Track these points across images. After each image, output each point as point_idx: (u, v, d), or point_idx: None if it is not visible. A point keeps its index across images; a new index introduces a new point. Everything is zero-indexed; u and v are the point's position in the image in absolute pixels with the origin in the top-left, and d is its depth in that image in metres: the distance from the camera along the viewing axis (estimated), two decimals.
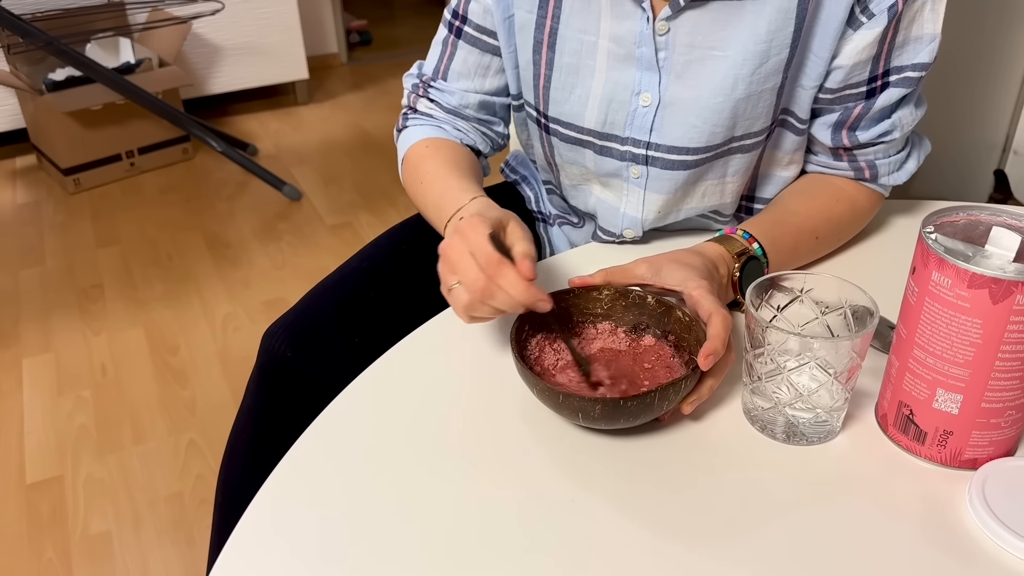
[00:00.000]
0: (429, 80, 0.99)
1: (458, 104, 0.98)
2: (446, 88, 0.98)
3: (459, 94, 0.98)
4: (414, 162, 0.97)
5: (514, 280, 0.70)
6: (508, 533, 0.63)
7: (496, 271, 0.70)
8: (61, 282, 2.34)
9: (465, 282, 0.72)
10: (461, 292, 0.72)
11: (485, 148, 1.02)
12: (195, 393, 1.93)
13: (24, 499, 1.66)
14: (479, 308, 0.72)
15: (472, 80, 0.97)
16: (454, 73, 0.97)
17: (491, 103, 0.99)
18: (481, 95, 0.98)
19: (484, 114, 1.00)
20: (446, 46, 0.97)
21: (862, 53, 0.83)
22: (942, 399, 0.65)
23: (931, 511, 0.64)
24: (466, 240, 0.72)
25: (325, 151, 3.10)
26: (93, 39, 2.82)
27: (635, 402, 0.66)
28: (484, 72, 0.96)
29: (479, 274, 0.71)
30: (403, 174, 1.00)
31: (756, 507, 0.65)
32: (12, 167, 2.99)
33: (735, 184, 0.93)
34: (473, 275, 0.71)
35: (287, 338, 0.91)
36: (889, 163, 0.93)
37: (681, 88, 0.86)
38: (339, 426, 0.74)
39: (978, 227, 0.65)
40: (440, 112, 0.99)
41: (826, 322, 0.72)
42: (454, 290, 0.73)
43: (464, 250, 0.72)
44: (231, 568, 0.62)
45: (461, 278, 0.72)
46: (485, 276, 0.70)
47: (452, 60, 0.97)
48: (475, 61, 0.96)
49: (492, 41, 0.94)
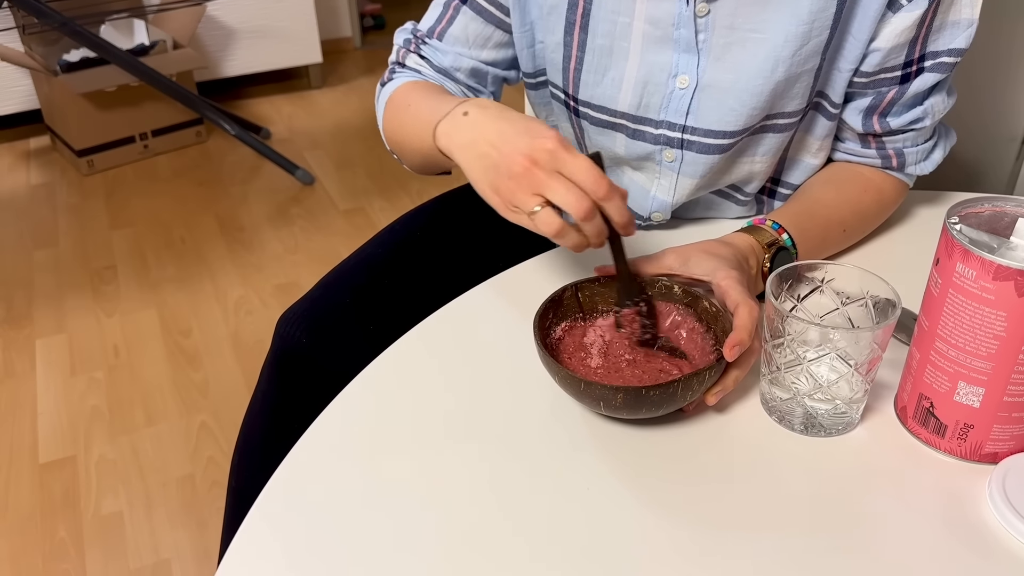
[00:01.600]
0: (423, 36, 0.96)
1: (450, 65, 0.95)
2: (440, 47, 0.95)
3: (452, 55, 0.94)
4: (400, 95, 0.92)
5: (621, 206, 0.67)
6: (524, 521, 0.63)
7: (608, 194, 0.66)
8: (74, 263, 2.35)
9: (566, 203, 0.66)
10: (548, 217, 0.67)
11: None
12: (207, 375, 1.93)
13: (37, 479, 1.67)
14: (567, 235, 0.68)
15: (469, 48, 0.94)
16: (451, 37, 0.94)
17: (483, 72, 0.96)
18: (475, 62, 0.95)
19: (474, 81, 0.97)
20: (447, 8, 0.93)
21: (900, 36, 0.82)
22: (963, 392, 0.64)
23: (950, 505, 0.64)
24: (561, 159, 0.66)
25: (338, 135, 3.09)
26: (107, 20, 2.82)
27: (658, 391, 0.66)
28: (483, 43, 0.94)
29: (582, 195, 0.66)
30: (384, 114, 0.95)
31: (773, 498, 0.65)
32: (26, 148, 2.99)
33: (763, 165, 0.92)
34: (575, 195, 0.66)
35: (302, 324, 0.91)
36: (917, 152, 0.92)
37: (720, 71, 0.84)
38: (353, 413, 0.74)
39: (1003, 218, 0.64)
40: (429, 70, 0.95)
41: (847, 313, 0.71)
42: (539, 215, 0.67)
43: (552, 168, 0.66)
44: (245, 552, 0.62)
45: (559, 199, 0.66)
46: (589, 199, 0.66)
47: (452, 24, 0.93)
48: (476, 30, 0.93)
49: (500, 15, 0.92)
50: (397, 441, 0.71)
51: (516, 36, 0.92)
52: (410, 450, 0.70)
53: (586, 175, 0.66)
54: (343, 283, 0.95)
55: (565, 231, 0.68)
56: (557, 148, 0.67)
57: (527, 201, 0.68)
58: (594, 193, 0.66)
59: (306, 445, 0.70)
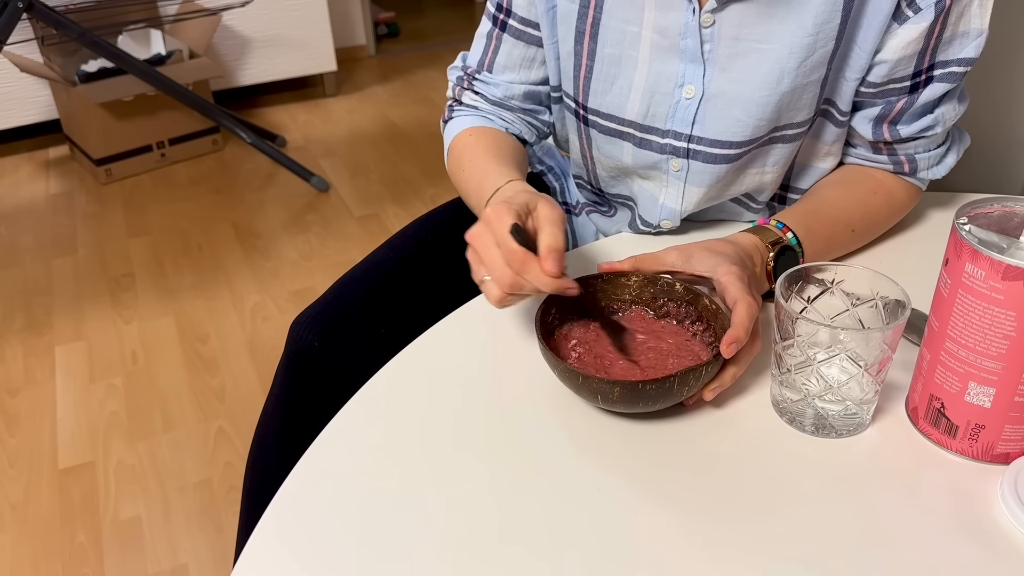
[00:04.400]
0: (474, 72, 0.98)
1: (503, 96, 0.97)
2: (491, 80, 0.97)
3: (504, 86, 0.97)
4: (458, 151, 0.97)
5: (538, 275, 0.70)
6: (532, 521, 0.63)
7: (521, 267, 0.70)
8: (93, 271, 2.37)
9: (493, 276, 0.71)
10: (490, 287, 0.72)
11: (531, 137, 1.01)
12: (224, 381, 1.95)
13: (57, 484, 1.68)
14: (509, 300, 0.72)
15: (518, 72, 0.97)
16: (499, 66, 0.97)
17: (536, 93, 0.98)
18: (527, 86, 0.97)
19: (529, 104, 0.99)
20: (490, 39, 0.96)
21: (907, 48, 0.81)
22: (974, 392, 0.64)
23: (961, 506, 0.63)
24: (491, 231, 0.72)
25: (353, 143, 3.11)
26: (125, 31, 2.85)
27: (654, 386, 0.66)
28: (529, 64, 0.96)
29: (505, 269, 0.70)
30: (448, 164, 1.00)
31: (784, 499, 0.65)
32: (45, 157, 3.03)
33: (774, 175, 0.92)
34: (500, 270, 0.70)
35: (314, 328, 0.92)
36: (929, 157, 0.91)
37: (726, 81, 0.84)
38: (364, 416, 0.74)
39: (1013, 219, 0.64)
40: (485, 104, 0.99)
41: (857, 314, 0.71)
42: (486, 283, 0.73)
43: (490, 241, 0.71)
44: (259, 555, 0.62)
45: (489, 272, 0.72)
46: (511, 271, 0.70)
47: (497, 54, 0.96)
48: (520, 54, 0.95)
49: (536, 33, 0.93)
50: (408, 445, 0.71)
51: (546, 49, 0.93)
52: (421, 453, 0.70)
53: (504, 250, 0.70)
54: (355, 287, 0.96)
55: (508, 299, 0.72)
56: (487, 219, 0.72)
57: (476, 271, 0.74)
58: (510, 266, 0.70)
59: (319, 448, 0.71)
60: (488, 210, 0.73)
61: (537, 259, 0.70)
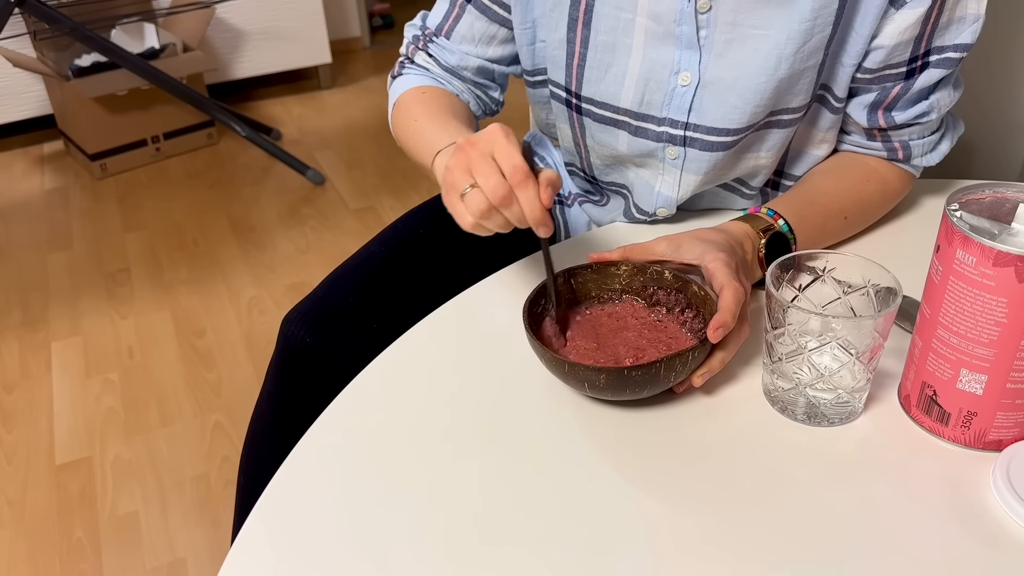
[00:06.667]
0: (431, 35, 0.97)
1: (457, 64, 0.96)
2: (447, 47, 0.96)
3: (459, 54, 0.96)
4: (407, 104, 0.95)
5: (533, 197, 0.68)
6: (524, 511, 0.63)
7: (521, 183, 0.68)
8: (89, 266, 2.37)
9: (485, 186, 0.68)
10: (477, 196, 0.69)
11: (477, 111, 1.00)
12: (221, 376, 1.95)
13: (54, 480, 1.68)
14: (492, 217, 0.70)
15: (475, 46, 0.95)
16: (458, 36, 0.95)
17: (490, 69, 0.97)
18: (482, 61, 0.96)
19: (481, 78, 0.98)
20: (454, 6, 0.95)
21: (904, 34, 0.81)
22: (966, 379, 0.64)
23: (954, 493, 0.63)
24: (494, 143, 0.69)
25: (348, 135, 3.10)
26: (118, 25, 2.84)
27: (640, 372, 0.66)
28: (489, 41, 0.95)
29: (501, 180, 0.68)
30: (393, 116, 0.98)
31: (777, 487, 0.65)
32: (40, 153, 3.02)
33: (769, 160, 0.91)
34: (495, 180, 0.68)
35: (306, 324, 0.91)
36: (923, 144, 0.91)
37: (722, 67, 0.84)
38: (355, 409, 0.74)
39: (1004, 205, 0.63)
40: (437, 68, 0.98)
41: (849, 302, 0.71)
42: (468, 194, 0.69)
43: (487, 151, 0.69)
44: (250, 548, 0.62)
45: (481, 181, 0.68)
46: (508, 184, 0.68)
47: (458, 22, 0.95)
48: (482, 29, 0.94)
49: (502, 13, 0.92)
50: (399, 438, 0.71)
51: (517, 33, 0.92)
52: (413, 446, 0.70)
53: (506, 161, 0.68)
54: (346, 282, 0.96)
55: (490, 214, 0.69)
56: (495, 132, 0.69)
57: (460, 180, 0.70)
58: (510, 179, 0.68)
59: (309, 442, 0.71)
60: (494, 124, 0.71)
61: (536, 182, 0.68)
